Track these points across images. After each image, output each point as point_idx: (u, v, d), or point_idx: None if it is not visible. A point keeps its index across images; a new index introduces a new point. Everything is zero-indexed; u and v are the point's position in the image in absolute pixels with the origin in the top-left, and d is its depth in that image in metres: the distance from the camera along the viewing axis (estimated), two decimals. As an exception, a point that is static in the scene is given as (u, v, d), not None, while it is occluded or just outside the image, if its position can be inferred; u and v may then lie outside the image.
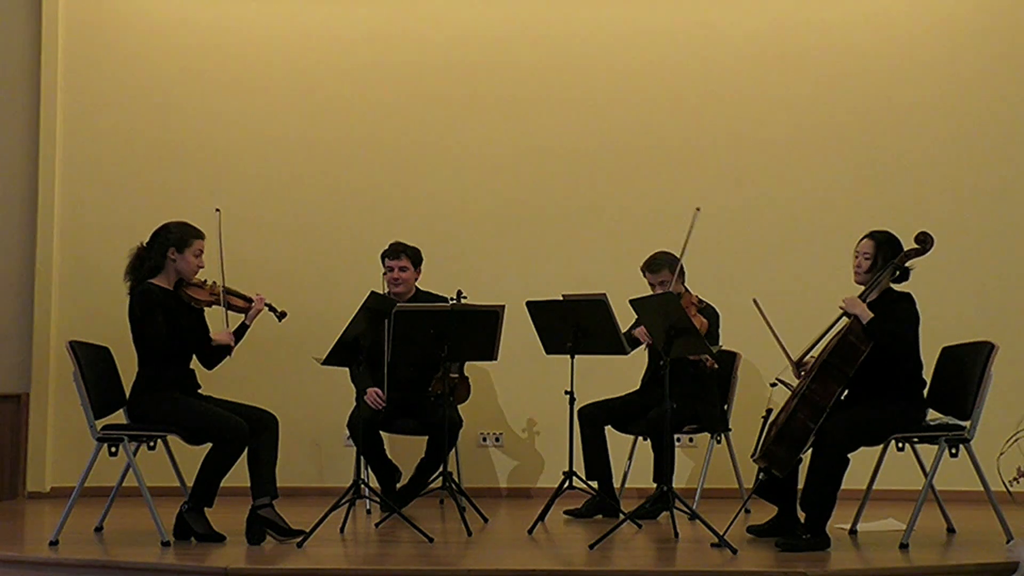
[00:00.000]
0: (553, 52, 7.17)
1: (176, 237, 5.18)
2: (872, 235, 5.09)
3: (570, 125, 7.14)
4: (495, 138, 7.16)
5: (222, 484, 5.12)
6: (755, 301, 5.21)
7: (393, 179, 7.14)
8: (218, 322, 5.34)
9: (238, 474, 5.15)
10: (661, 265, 5.93)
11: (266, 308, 5.33)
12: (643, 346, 6.00)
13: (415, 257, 6.21)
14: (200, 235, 5.25)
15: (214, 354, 5.33)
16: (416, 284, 6.26)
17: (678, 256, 5.79)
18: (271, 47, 7.19)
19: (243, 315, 5.32)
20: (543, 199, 7.12)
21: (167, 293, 5.19)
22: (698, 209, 5.59)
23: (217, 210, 5.34)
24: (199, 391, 5.31)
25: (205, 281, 5.28)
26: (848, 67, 7.07)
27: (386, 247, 6.23)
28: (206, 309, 5.30)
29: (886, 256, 5.02)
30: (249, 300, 5.32)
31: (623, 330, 5.62)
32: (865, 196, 6.96)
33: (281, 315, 5.37)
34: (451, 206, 7.12)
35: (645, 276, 6.00)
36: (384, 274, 6.18)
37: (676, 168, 7.10)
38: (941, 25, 7.05)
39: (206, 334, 5.28)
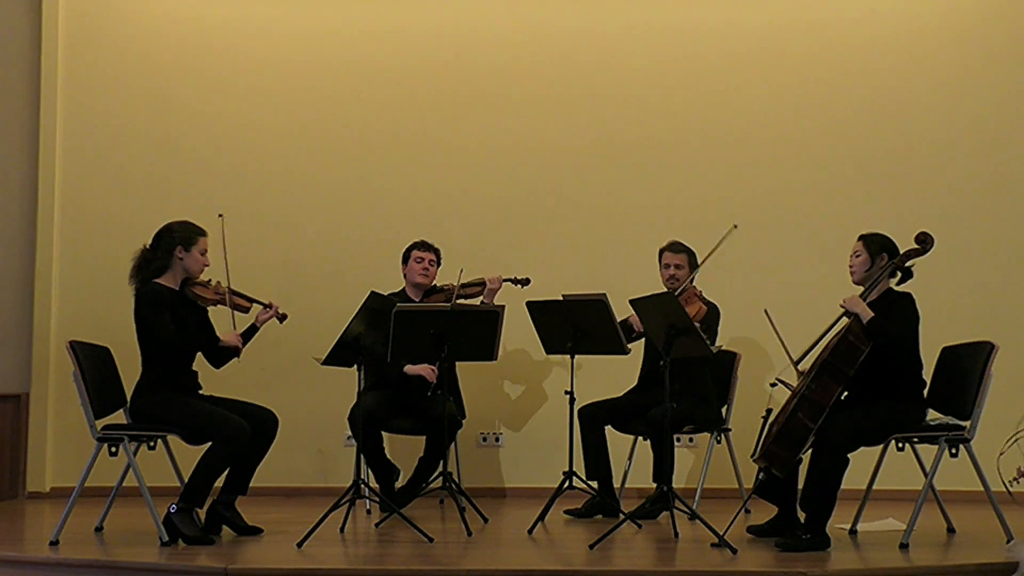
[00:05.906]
0: (554, 50, 7.16)
1: (182, 236, 5.23)
2: (861, 237, 5.13)
3: (570, 124, 7.14)
4: (497, 137, 7.15)
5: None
6: (766, 312, 5.26)
7: (394, 178, 7.14)
8: (226, 325, 5.39)
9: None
10: (682, 248, 6.01)
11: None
12: (640, 342, 6.00)
13: (439, 255, 6.35)
14: (203, 233, 5.31)
15: (222, 354, 5.38)
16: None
17: (697, 259, 5.95)
18: (272, 45, 7.19)
19: (246, 314, 5.39)
20: (543, 199, 7.12)
21: (173, 293, 5.22)
22: (735, 226, 5.63)
23: (220, 215, 5.36)
24: (200, 392, 5.32)
25: (209, 281, 5.35)
26: (848, 65, 7.07)
27: (414, 242, 6.31)
28: (213, 313, 5.37)
29: (875, 254, 5.02)
30: (253, 300, 5.39)
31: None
32: (865, 195, 6.96)
33: (282, 317, 5.49)
34: (452, 205, 7.12)
35: (662, 257, 6.03)
36: (410, 264, 6.26)
37: (677, 167, 7.09)
38: (941, 21, 7.05)
39: (212, 334, 5.32)
